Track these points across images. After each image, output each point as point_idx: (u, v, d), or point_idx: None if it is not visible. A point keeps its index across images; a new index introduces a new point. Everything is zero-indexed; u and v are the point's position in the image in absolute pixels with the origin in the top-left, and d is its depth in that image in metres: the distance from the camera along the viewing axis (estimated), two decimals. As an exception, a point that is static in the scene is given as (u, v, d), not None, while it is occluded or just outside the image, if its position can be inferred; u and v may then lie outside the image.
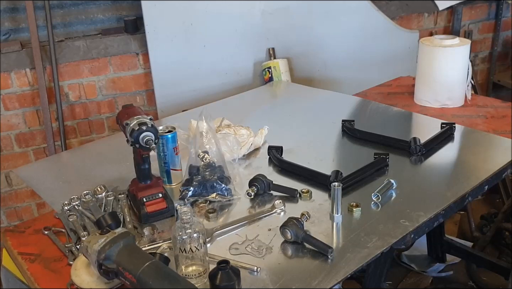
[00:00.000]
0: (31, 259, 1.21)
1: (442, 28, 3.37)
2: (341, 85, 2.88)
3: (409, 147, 1.55)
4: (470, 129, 1.76)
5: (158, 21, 2.53)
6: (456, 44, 1.99)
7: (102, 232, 1.00)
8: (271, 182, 1.37)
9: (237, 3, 2.64)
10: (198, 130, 1.39)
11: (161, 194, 1.29)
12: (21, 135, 2.59)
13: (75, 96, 2.63)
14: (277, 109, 2.10)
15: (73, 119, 2.66)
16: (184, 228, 1.03)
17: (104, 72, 2.64)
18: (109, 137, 2.47)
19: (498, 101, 2.09)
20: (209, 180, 1.34)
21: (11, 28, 2.54)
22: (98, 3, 2.66)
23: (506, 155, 1.51)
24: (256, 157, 1.61)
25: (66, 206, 1.34)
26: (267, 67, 2.72)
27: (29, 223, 1.37)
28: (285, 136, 1.73)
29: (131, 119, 1.21)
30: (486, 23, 3.54)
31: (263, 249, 1.15)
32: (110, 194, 1.39)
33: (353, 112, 2.00)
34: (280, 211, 1.29)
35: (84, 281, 1.06)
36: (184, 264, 1.06)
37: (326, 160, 1.58)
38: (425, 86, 2.06)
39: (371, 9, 2.92)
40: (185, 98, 2.66)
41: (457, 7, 3.29)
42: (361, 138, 1.68)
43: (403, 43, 3.06)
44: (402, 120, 1.90)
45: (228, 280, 1.00)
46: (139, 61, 2.67)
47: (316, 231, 1.19)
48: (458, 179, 1.43)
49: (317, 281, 1.04)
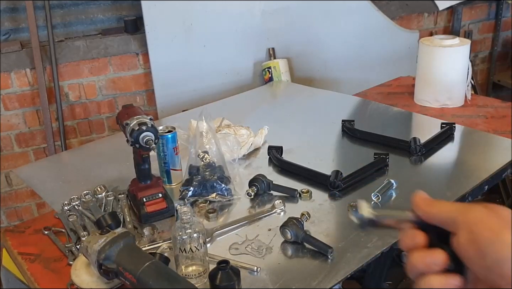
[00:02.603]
0: (31, 259, 1.21)
1: (442, 28, 3.38)
2: (341, 85, 2.88)
3: (409, 147, 1.55)
4: (470, 129, 1.76)
5: (158, 21, 2.53)
6: (456, 44, 1.99)
7: (102, 232, 1.00)
8: (271, 182, 1.37)
9: (237, 3, 2.64)
10: (198, 130, 1.39)
11: (161, 194, 1.29)
12: (21, 135, 2.60)
13: (75, 96, 2.63)
14: (277, 109, 2.10)
15: (73, 119, 2.66)
16: (184, 228, 1.03)
17: (104, 72, 2.64)
18: (109, 137, 2.47)
19: (498, 101, 2.09)
20: (209, 180, 1.34)
21: (11, 28, 2.54)
22: (98, 3, 2.66)
23: (506, 155, 1.50)
24: (256, 157, 1.61)
25: (66, 206, 1.34)
26: (267, 67, 2.73)
27: (29, 223, 1.37)
28: (285, 136, 1.73)
29: (131, 119, 1.21)
30: (486, 23, 3.54)
31: (263, 249, 1.15)
32: (110, 194, 1.39)
33: (353, 112, 2.00)
34: (280, 211, 1.29)
35: (84, 281, 1.06)
36: (184, 264, 1.06)
37: (326, 160, 1.58)
38: (425, 86, 2.06)
39: (371, 9, 2.92)
40: (185, 98, 2.66)
41: (457, 7, 3.29)
42: (361, 138, 1.68)
43: (403, 43, 3.06)
44: (402, 120, 1.90)
45: (228, 280, 1.00)
46: (139, 61, 2.67)
47: (316, 231, 1.19)
48: (458, 179, 1.43)
49: (317, 281, 1.04)
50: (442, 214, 0.52)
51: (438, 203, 0.53)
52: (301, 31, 2.83)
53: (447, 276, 0.50)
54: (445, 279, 0.50)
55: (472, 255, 0.48)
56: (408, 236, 0.53)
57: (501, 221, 0.48)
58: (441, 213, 0.52)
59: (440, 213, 0.52)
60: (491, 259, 0.46)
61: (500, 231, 0.47)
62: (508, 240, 0.46)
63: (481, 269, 0.48)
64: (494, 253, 0.46)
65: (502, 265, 0.46)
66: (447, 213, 0.52)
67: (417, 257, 0.52)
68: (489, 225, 0.48)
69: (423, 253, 0.52)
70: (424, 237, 0.53)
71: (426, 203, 0.54)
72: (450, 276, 0.50)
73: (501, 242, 0.46)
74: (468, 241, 0.48)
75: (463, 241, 0.49)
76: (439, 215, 0.52)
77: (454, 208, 0.51)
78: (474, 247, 0.48)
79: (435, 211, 0.53)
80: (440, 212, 0.52)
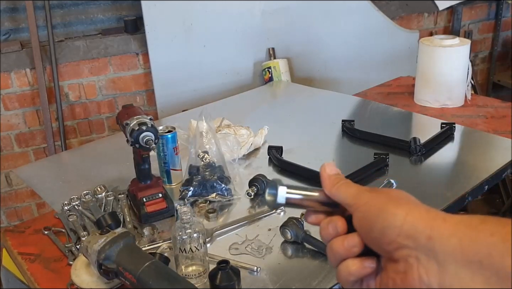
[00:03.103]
0: (31, 259, 1.21)
1: (442, 28, 3.38)
2: (341, 85, 2.88)
3: (409, 147, 1.55)
4: (470, 129, 1.75)
5: (158, 21, 2.53)
6: (456, 44, 1.99)
7: (102, 232, 1.00)
8: (271, 182, 1.37)
9: (237, 3, 2.64)
10: (198, 130, 1.39)
11: (161, 194, 1.29)
12: (21, 135, 2.60)
13: (75, 96, 2.63)
14: (277, 109, 2.10)
15: (73, 119, 2.66)
16: (184, 228, 1.03)
17: (104, 72, 2.64)
18: (109, 137, 2.47)
19: (498, 101, 2.08)
20: (209, 180, 1.34)
21: (11, 28, 2.54)
22: (98, 3, 2.66)
23: (506, 155, 1.50)
24: (256, 157, 1.61)
25: (66, 206, 1.34)
26: (267, 67, 2.73)
27: (29, 223, 1.37)
28: (285, 136, 1.73)
29: (131, 119, 1.21)
30: (486, 23, 3.54)
31: (263, 249, 1.15)
32: (110, 194, 1.39)
33: (353, 112, 2.00)
34: (280, 211, 1.29)
35: (84, 281, 1.06)
36: (184, 264, 1.06)
37: (326, 160, 1.57)
38: (425, 86, 2.06)
39: (371, 9, 2.92)
40: (185, 98, 2.66)
41: (457, 7, 3.29)
42: (361, 138, 1.68)
43: (403, 43, 3.06)
44: (402, 120, 1.90)
45: (228, 280, 1.00)
46: (139, 61, 2.67)
47: (316, 231, 1.18)
48: (458, 179, 1.43)
49: (317, 281, 1.04)
50: (342, 197, 0.55)
51: (341, 184, 0.56)
52: (301, 31, 2.83)
53: (363, 259, 0.53)
54: (361, 262, 0.53)
55: (364, 231, 0.52)
56: (330, 226, 0.55)
57: (388, 198, 0.52)
58: (341, 195, 0.55)
59: (340, 195, 0.55)
60: (378, 229, 0.50)
61: (385, 205, 0.51)
62: (392, 210, 0.50)
63: (373, 242, 0.51)
64: (380, 223, 0.49)
65: (387, 231, 0.49)
66: (346, 196, 0.55)
67: (337, 242, 0.54)
68: (375, 202, 0.52)
69: (341, 238, 0.54)
70: (344, 223, 0.55)
71: (331, 182, 0.57)
72: (366, 259, 0.53)
73: (385, 213, 0.50)
74: (360, 219, 0.52)
75: (356, 221, 0.53)
76: (340, 197, 0.55)
77: (351, 192, 0.55)
78: (364, 223, 0.51)
79: (337, 192, 0.56)
80: (340, 194, 0.55)
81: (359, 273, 0.53)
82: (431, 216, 0.49)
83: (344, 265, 0.53)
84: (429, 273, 0.47)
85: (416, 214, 0.49)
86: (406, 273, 0.48)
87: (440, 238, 0.46)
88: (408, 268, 0.48)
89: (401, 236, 0.48)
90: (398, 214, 0.49)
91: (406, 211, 0.49)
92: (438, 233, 0.47)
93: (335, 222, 0.55)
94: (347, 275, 0.53)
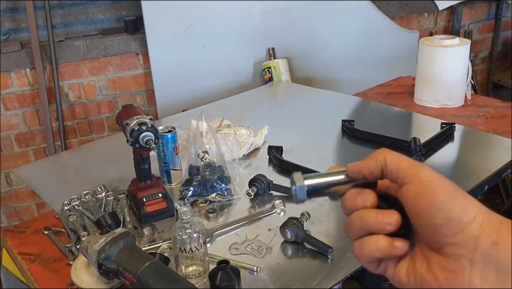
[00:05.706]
0: (31, 259, 1.21)
1: (442, 28, 3.38)
2: (341, 85, 2.88)
3: (409, 147, 1.55)
4: (470, 129, 1.76)
5: (158, 21, 2.53)
6: (456, 44, 1.99)
7: (102, 232, 1.00)
8: (271, 182, 1.37)
9: (237, 3, 2.64)
10: (198, 130, 1.39)
11: (161, 194, 1.29)
12: (21, 135, 2.60)
13: (75, 96, 2.63)
14: (277, 109, 2.10)
15: (73, 119, 2.66)
16: (184, 228, 1.03)
17: (104, 72, 2.64)
18: (109, 137, 2.47)
19: (498, 101, 2.08)
20: (209, 180, 1.34)
21: (11, 28, 2.54)
22: (98, 3, 2.66)
23: (506, 155, 1.50)
24: (256, 157, 1.61)
25: (66, 206, 1.34)
26: (267, 67, 2.73)
27: (29, 223, 1.37)
28: (285, 136, 1.73)
29: (131, 119, 1.21)
30: (486, 23, 3.54)
31: (263, 249, 1.15)
32: (110, 194, 1.39)
33: (353, 112, 2.00)
34: (280, 211, 1.29)
35: (84, 281, 1.06)
36: (184, 264, 1.06)
37: (326, 160, 1.58)
38: (425, 86, 2.06)
39: (371, 9, 2.92)
40: (185, 98, 2.66)
41: (457, 7, 3.29)
42: (361, 138, 1.68)
43: (403, 43, 3.06)
44: (402, 120, 1.90)
45: (228, 280, 1.00)
46: (139, 61, 2.67)
47: (316, 231, 1.19)
48: (458, 179, 1.43)
49: (317, 281, 1.04)
50: (393, 165, 0.49)
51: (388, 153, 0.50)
52: (301, 31, 2.83)
53: (394, 239, 0.48)
54: (393, 241, 0.48)
55: (418, 209, 0.46)
56: (360, 197, 0.50)
57: (453, 185, 0.47)
58: (392, 164, 0.49)
59: (392, 164, 0.49)
60: (441, 217, 0.45)
61: (455, 193, 0.46)
62: (463, 202, 0.45)
63: (425, 225, 0.46)
64: (447, 211, 0.45)
65: (451, 223, 0.44)
66: (398, 166, 0.48)
67: (370, 213, 0.49)
68: (443, 185, 0.46)
69: (376, 211, 0.49)
70: (375, 199, 0.50)
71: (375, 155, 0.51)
72: (397, 240, 0.48)
73: (454, 203, 0.45)
74: (418, 194, 0.46)
75: (410, 194, 0.47)
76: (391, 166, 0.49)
77: (405, 162, 0.48)
78: (423, 201, 0.46)
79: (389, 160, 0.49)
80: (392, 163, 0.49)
81: (389, 252, 0.48)
82: (498, 219, 0.45)
83: (373, 239, 0.48)
84: (485, 281, 0.43)
85: (485, 215, 0.45)
86: (454, 273, 0.44)
87: (506, 245, 0.42)
88: (458, 268, 0.44)
89: (465, 234, 0.44)
90: (469, 211, 0.45)
91: (477, 209, 0.45)
92: (505, 240, 0.43)
93: (366, 194, 0.50)
94: (374, 250, 0.48)
